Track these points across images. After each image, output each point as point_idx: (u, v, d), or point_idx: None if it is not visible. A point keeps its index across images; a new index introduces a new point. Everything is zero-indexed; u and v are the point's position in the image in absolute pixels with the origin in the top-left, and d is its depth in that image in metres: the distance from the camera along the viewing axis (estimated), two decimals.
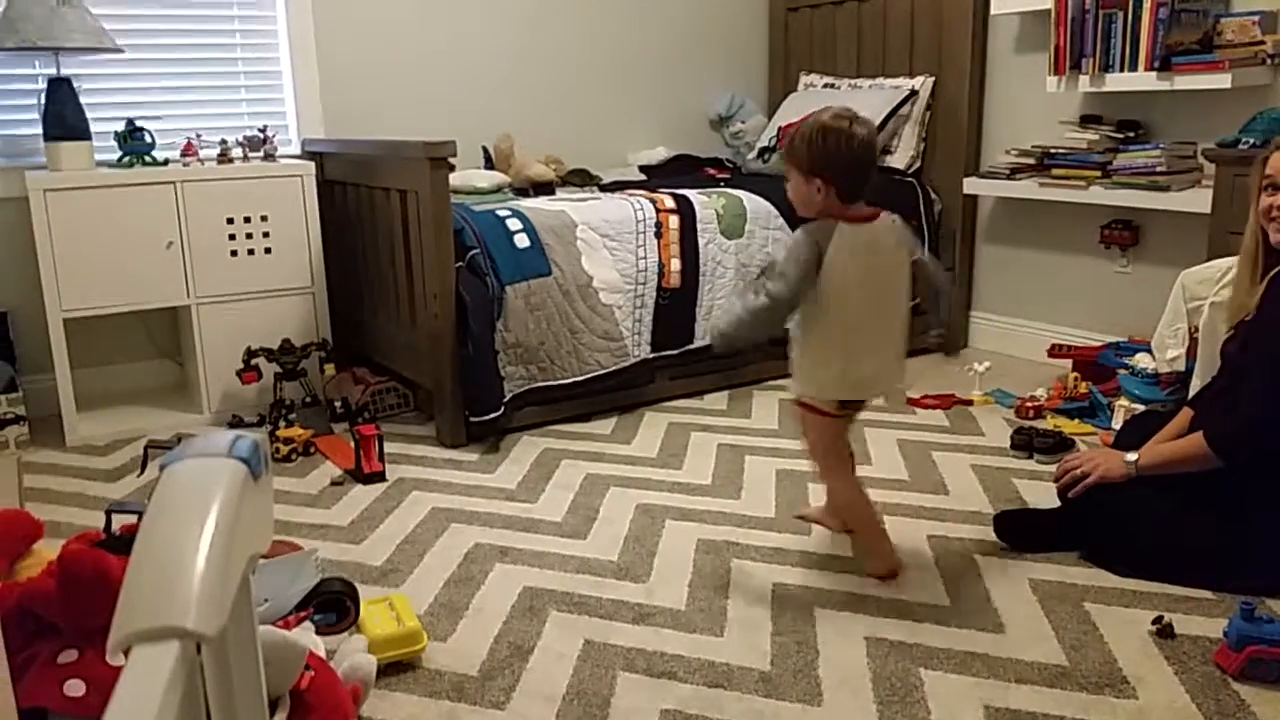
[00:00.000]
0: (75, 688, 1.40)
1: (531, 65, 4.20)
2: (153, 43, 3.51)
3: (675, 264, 3.32)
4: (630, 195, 3.46)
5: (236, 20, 3.66)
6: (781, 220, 3.56)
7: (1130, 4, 3.17)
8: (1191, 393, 2.60)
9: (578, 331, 3.17)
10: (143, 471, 2.82)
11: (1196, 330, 2.70)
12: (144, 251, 3.16)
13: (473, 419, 3.00)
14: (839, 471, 2.25)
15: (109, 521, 1.70)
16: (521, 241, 3.10)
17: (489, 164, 3.92)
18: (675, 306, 3.34)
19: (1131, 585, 2.10)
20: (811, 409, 2.18)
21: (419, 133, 3.60)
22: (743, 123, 4.51)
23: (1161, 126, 3.38)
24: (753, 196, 3.57)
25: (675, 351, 3.35)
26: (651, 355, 3.33)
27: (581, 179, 3.92)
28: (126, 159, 3.24)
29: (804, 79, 4.48)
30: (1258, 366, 2.05)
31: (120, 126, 3.26)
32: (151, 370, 3.63)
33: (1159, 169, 3.18)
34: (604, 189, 3.79)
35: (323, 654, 1.68)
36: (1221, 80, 3.00)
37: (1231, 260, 2.52)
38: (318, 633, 1.79)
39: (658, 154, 4.24)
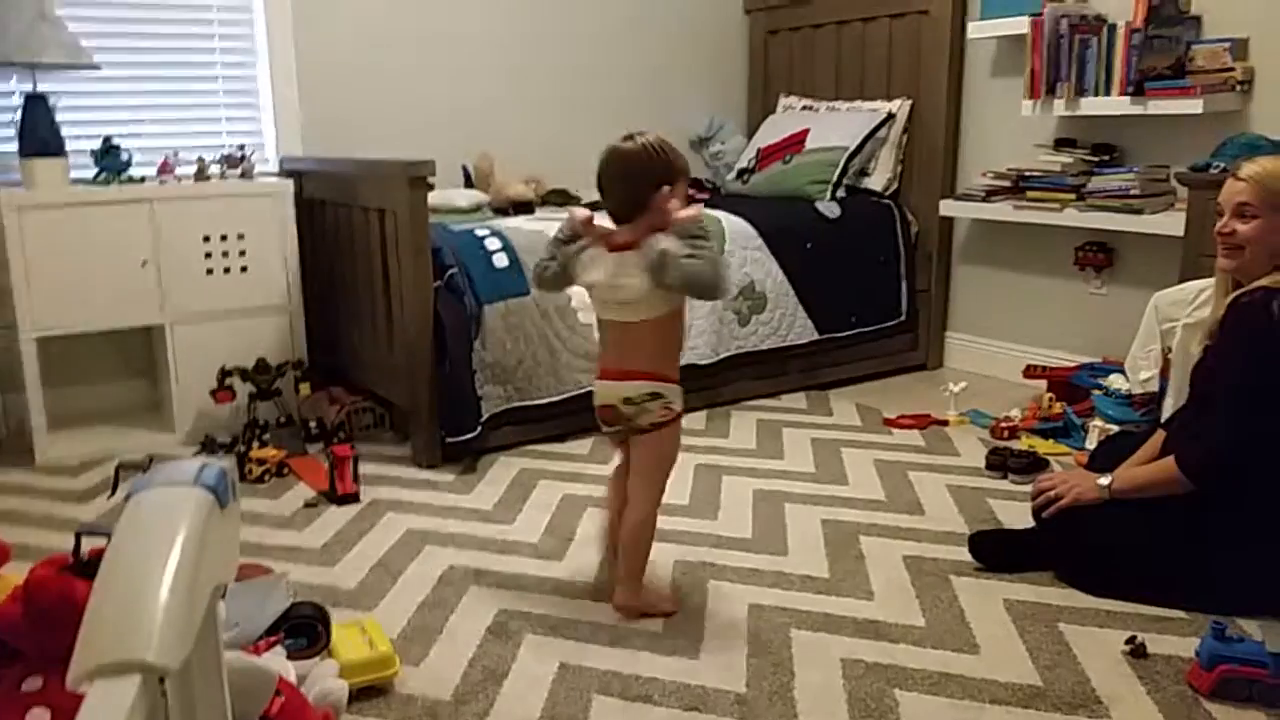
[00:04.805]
0: (40, 716, 1.38)
1: (513, 85, 4.21)
2: (131, 60, 3.50)
3: None
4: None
5: (216, 38, 3.65)
6: (760, 241, 3.58)
7: (1105, 30, 3.22)
8: (1165, 414, 2.63)
9: (556, 351, 3.17)
10: (113, 493, 2.79)
11: (1170, 351, 2.73)
12: (118, 270, 3.14)
13: (449, 439, 2.99)
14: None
15: (78, 544, 1.68)
16: (500, 261, 3.10)
17: (468, 183, 3.92)
18: None
19: (1105, 605, 2.11)
20: (678, 417, 2.11)
21: (398, 152, 3.60)
22: (722, 144, 4.53)
23: (1135, 150, 3.42)
24: (732, 217, 3.59)
25: None
26: None
27: (561, 199, 3.93)
28: (102, 177, 3.22)
29: (783, 101, 4.51)
30: (1223, 393, 2.08)
31: (96, 144, 3.23)
32: (124, 390, 3.60)
33: (1133, 192, 3.21)
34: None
35: (293, 679, 1.67)
36: (1193, 105, 3.04)
37: (1204, 282, 2.56)
38: (288, 657, 1.77)
39: None
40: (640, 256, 2.00)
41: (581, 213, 2.17)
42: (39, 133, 3.09)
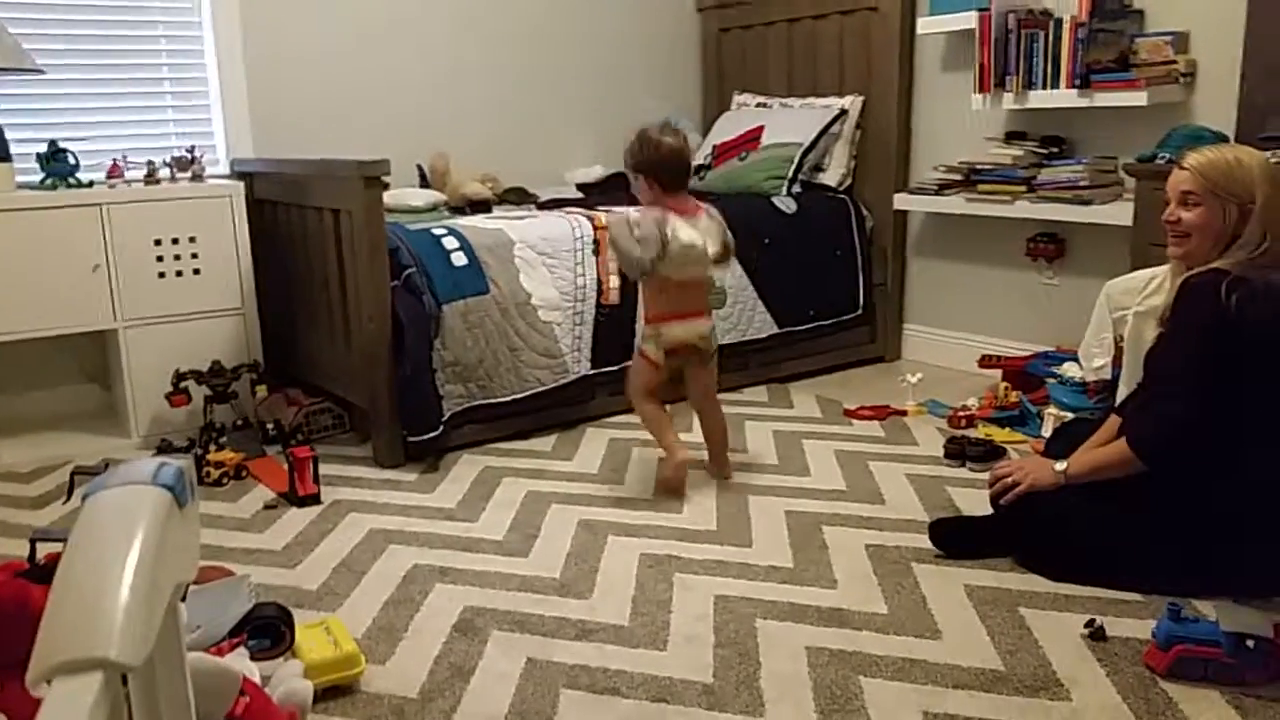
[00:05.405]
0: None
1: (467, 84, 4.19)
2: (75, 63, 3.44)
3: (613, 281, 3.33)
4: (568, 213, 3.46)
5: (162, 40, 3.60)
6: None
7: (1051, 24, 3.28)
8: (1118, 400, 2.68)
9: (517, 349, 3.16)
10: (69, 498, 2.74)
11: (1121, 339, 2.78)
12: (69, 275, 3.08)
13: (411, 439, 2.97)
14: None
15: (33, 550, 1.65)
16: (459, 260, 3.09)
17: (424, 182, 3.89)
18: (614, 323, 3.35)
19: (1064, 589, 2.14)
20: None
21: (351, 152, 3.56)
22: None
23: (1083, 142, 3.48)
24: None
25: (615, 368, 3.35)
26: (591, 372, 3.33)
27: (518, 197, 3.91)
28: (49, 181, 3.16)
29: (737, 98, 4.53)
30: (1173, 374, 2.12)
31: (42, 148, 3.18)
32: (78, 395, 3.54)
33: (1082, 183, 3.27)
34: (541, 207, 3.78)
35: (258, 680, 1.65)
36: (1138, 98, 3.10)
37: (1154, 270, 2.60)
38: (252, 658, 1.76)
39: (594, 172, 4.25)
40: (706, 222, 2.69)
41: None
42: None
